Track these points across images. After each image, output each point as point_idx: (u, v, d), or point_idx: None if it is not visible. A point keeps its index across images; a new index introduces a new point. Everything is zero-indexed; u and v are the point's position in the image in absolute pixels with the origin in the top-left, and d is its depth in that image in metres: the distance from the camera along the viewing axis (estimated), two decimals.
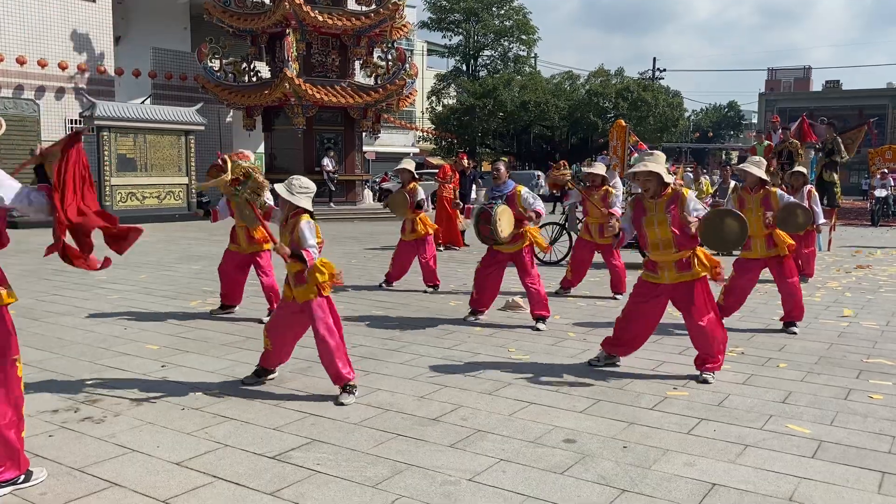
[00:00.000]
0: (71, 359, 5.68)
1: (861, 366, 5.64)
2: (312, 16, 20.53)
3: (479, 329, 6.90)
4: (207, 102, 22.35)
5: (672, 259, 5.20)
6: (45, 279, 9.76)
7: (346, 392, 4.73)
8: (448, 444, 3.98)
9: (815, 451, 3.90)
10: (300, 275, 4.75)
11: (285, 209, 4.85)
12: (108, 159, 19.38)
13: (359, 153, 24.05)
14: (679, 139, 58.18)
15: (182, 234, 16.65)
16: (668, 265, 5.23)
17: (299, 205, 4.74)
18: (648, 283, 5.35)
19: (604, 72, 40.59)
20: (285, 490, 3.41)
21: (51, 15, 20.39)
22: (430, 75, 48.53)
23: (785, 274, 6.84)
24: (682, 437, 4.11)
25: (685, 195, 5.23)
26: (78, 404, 4.58)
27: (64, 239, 3.32)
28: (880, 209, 21.84)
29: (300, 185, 4.79)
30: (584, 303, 8.38)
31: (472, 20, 43.58)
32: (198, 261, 11.78)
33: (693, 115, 71.20)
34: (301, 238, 4.68)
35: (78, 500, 3.29)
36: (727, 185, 13.46)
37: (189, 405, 4.59)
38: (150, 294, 8.66)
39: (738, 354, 5.97)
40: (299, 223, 4.71)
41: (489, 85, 38.13)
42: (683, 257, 5.20)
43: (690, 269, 5.19)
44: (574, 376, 5.30)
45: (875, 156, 26.27)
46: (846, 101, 51.68)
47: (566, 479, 3.54)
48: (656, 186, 5.19)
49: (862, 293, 9.07)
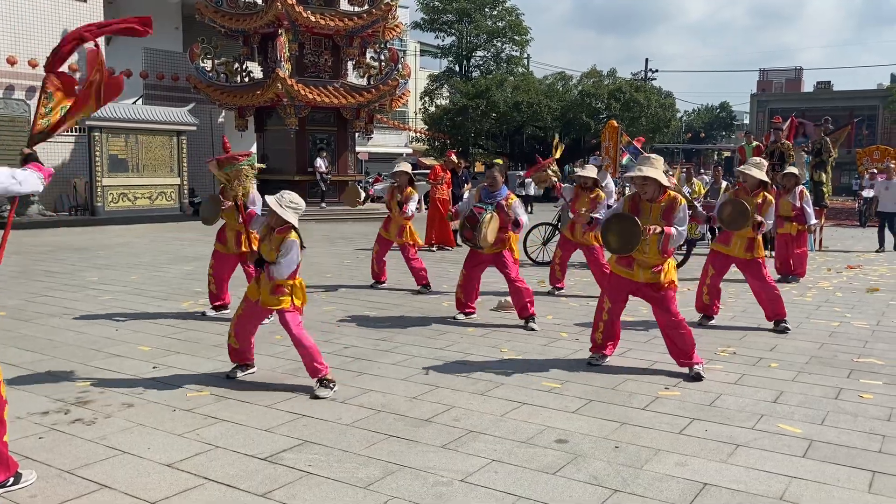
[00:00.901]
0: (62, 360, 5.65)
1: (852, 365, 5.67)
2: (305, 16, 20.49)
3: (471, 329, 6.90)
4: (199, 103, 22.28)
5: (652, 262, 5.30)
6: (36, 280, 9.71)
7: (323, 386, 4.82)
8: (440, 445, 3.98)
9: (805, 451, 3.92)
10: (279, 287, 4.87)
11: (271, 220, 4.91)
12: (99, 160, 19.32)
13: (352, 153, 24.01)
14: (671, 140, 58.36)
15: (174, 235, 16.59)
16: (645, 265, 5.33)
17: (287, 219, 4.79)
18: (622, 278, 5.45)
19: (596, 73, 40.64)
20: (277, 491, 3.40)
21: (41, 15, 20.29)
22: (422, 76, 48.51)
23: (756, 274, 6.95)
24: (674, 437, 4.12)
25: (680, 204, 5.29)
26: (68, 406, 4.56)
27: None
28: (867, 209, 21.73)
29: (290, 199, 4.88)
30: (576, 303, 8.39)
31: (465, 21, 43.54)
32: (189, 262, 11.74)
33: (685, 116, 71.38)
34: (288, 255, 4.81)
35: (68, 503, 3.27)
36: (719, 186, 13.51)
37: (180, 407, 4.57)
38: (141, 295, 8.63)
39: (730, 354, 5.98)
40: (287, 240, 4.82)
41: (482, 85, 38.11)
42: (660, 263, 5.32)
43: (661, 273, 5.33)
44: (566, 377, 5.31)
45: (863, 156, 26.37)
46: (837, 101, 51.96)
47: (558, 480, 3.55)
48: (654, 190, 5.25)
49: (853, 293, 9.11)
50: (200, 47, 21.95)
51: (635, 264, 5.36)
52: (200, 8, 21.67)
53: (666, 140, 48.37)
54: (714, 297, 7.16)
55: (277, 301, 4.87)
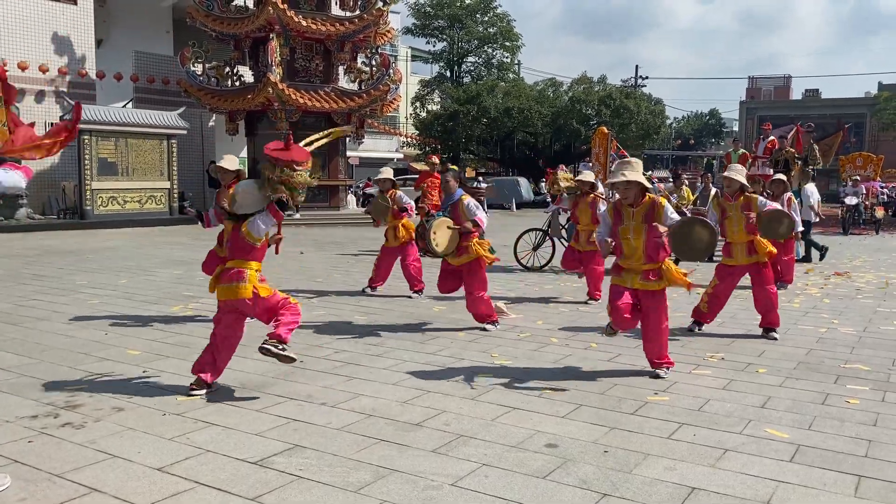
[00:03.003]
0: (51, 364, 5.63)
1: (839, 371, 5.71)
2: (296, 21, 20.51)
3: (462, 334, 6.91)
4: (190, 106, 22.25)
5: (641, 268, 5.30)
6: (25, 284, 9.66)
7: (198, 387, 4.90)
8: (430, 450, 3.99)
9: (793, 455, 3.95)
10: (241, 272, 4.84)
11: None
12: (88, 163, 19.25)
13: (342, 158, 24.02)
14: (661, 146, 58.65)
15: (163, 239, 16.54)
16: (635, 272, 5.33)
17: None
18: (620, 287, 5.41)
19: (587, 79, 40.85)
20: (267, 496, 3.40)
21: (31, 17, 20.22)
22: (414, 81, 48.62)
23: (763, 281, 6.93)
24: (663, 442, 4.14)
25: (661, 205, 5.30)
26: (58, 410, 4.55)
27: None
28: (850, 217, 21.32)
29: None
30: (566, 308, 8.42)
31: (456, 26, 43.68)
32: (179, 265, 11.71)
33: (675, 123, 71.76)
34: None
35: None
36: (708, 193, 13.57)
37: (170, 410, 4.56)
38: (131, 299, 8.60)
39: (718, 360, 6.02)
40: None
41: (473, 91, 38.25)
42: (651, 269, 5.29)
43: (656, 280, 5.31)
44: (556, 381, 5.33)
45: (846, 163, 26.50)
46: (825, 109, 52.37)
47: (548, 484, 3.57)
48: (635, 195, 5.27)
49: (840, 299, 9.19)
50: (191, 51, 21.93)
51: (624, 272, 5.38)
52: (192, 12, 21.64)
53: (656, 146, 48.61)
54: (713, 307, 7.07)
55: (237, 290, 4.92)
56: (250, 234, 4.83)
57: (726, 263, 7.05)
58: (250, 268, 4.86)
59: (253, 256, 4.89)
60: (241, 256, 4.87)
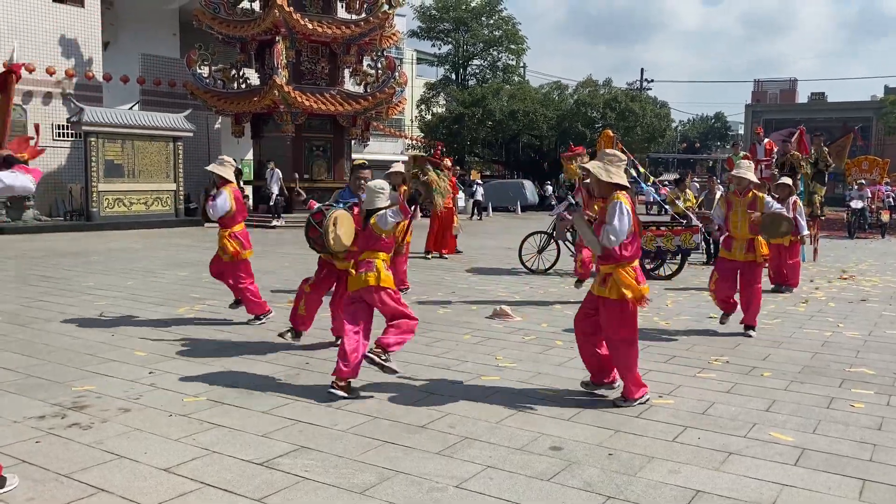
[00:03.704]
0: (58, 365, 5.66)
1: (843, 375, 5.71)
2: (302, 24, 20.57)
3: (467, 337, 6.93)
4: (196, 109, 22.32)
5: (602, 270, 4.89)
6: (32, 285, 9.71)
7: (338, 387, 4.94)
8: (435, 451, 4.00)
9: (797, 459, 3.95)
10: (370, 263, 5.08)
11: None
12: (95, 165, 19.31)
13: (348, 160, 24.07)
14: (666, 149, 58.58)
15: (169, 241, 16.59)
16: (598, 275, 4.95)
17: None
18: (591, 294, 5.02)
19: (592, 82, 40.86)
20: (273, 496, 3.42)
21: (39, 20, 20.32)
22: (419, 84, 48.61)
23: (752, 281, 7.06)
24: (667, 445, 4.15)
25: (612, 202, 4.76)
26: (65, 410, 4.57)
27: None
28: (856, 221, 21.22)
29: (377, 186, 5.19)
30: (570, 311, 8.41)
31: (462, 30, 43.70)
32: (185, 267, 11.75)
33: (680, 126, 71.73)
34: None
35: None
36: (713, 196, 13.56)
37: (177, 411, 4.59)
38: (137, 300, 8.64)
39: (723, 363, 6.02)
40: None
41: (478, 94, 38.26)
42: (605, 272, 4.83)
43: (605, 286, 4.83)
44: (561, 384, 5.34)
45: (852, 167, 26.44)
46: (831, 113, 52.30)
47: (552, 486, 3.58)
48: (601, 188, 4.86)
49: (846, 304, 9.17)
50: (198, 54, 22.03)
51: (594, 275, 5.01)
52: (198, 14, 21.74)
53: (661, 150, 48.57)
54: (722, 300, 7.19)
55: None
56: (377, 226, 5.07)
57: (725, 257, 7.22)
58: (378, 258, 5.10)
59: (380, 247, 5.13)
60: (371, 248, 5.11)
